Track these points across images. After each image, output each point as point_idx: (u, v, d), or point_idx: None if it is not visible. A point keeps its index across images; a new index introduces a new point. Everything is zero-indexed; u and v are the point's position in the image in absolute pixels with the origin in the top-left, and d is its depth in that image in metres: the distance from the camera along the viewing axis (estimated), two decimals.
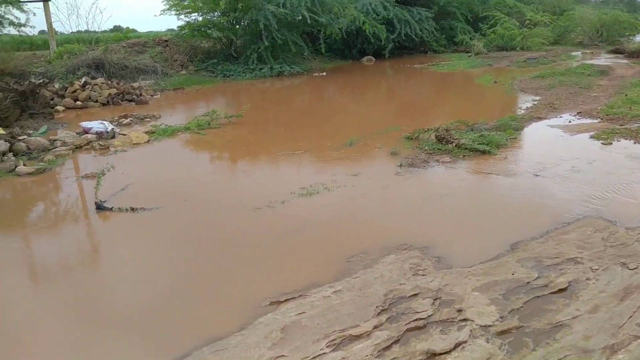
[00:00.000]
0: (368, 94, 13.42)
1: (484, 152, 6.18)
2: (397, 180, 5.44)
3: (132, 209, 4.82)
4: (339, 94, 13.72)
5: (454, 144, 6.43)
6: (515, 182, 5.15)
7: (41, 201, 5.48)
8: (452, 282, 3.14)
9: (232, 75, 16.31)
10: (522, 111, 8.61)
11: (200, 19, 17.26)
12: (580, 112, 8.28)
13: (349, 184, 5.31)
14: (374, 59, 20.71)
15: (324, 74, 16.95)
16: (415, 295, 3.00)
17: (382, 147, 6.82)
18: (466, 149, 6.28)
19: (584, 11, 23.82)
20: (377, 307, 2.88)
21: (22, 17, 12.75)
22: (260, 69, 16.37)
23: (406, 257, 3.57)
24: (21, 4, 12.99)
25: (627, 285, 2.99)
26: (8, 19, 12.40)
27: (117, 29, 35.19)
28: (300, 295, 3.11)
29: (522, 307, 2.83)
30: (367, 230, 4.16)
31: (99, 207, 4.86)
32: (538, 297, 2.92)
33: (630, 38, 22.24)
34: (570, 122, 7.74)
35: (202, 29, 17.20)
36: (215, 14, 17.23)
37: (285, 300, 3.07)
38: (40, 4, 16.24)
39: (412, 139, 7.07)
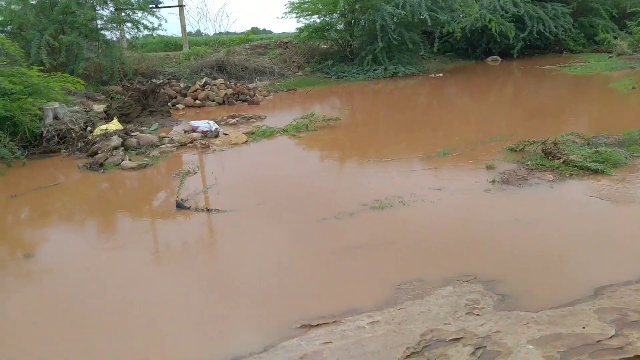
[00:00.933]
0: (482, 98, 12.56)
1: (596, 172, 5.38)
2: (484, 199, 4.95)
3: (208, 210, 4.98)
4: (452, 97, 13.04)
5: (561, 160, 5.70)
6: (624, 211, 4.40)
7: (131, 195, 5.92)
8: (507, 328, 2.72)
9: (346, 76, 16.34)
10: None
11: (318, 20, 17.54)
12: None
13: (428, 199, 4.95)
14: (500, 59, 19.39)
15: (441, 75, 16.25)
16: (457, 340, 2.64)
17: (480, 158, 6.28)
18: (575, 166, 5.53)
19: None
20: (407, 348, 2.58)
21: (155, 22, 13.96)
22: (374, 70, 16.18)
23: (465, 291, 3.19)
24: (155, 9, 14.21)
25: None
26: (143, 23, 13.63)
27: (253, 30, 37.38)
28: (334, 322, 2.92)
29: None
30: (432, 254, 3.82)
31: (179, 206, 5.08)
32: None
33: None
34: None
35: (320, 31, 17.46)
36: (334, 15, 17.39)
37: (316, 325, 2.90)
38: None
39: (516, 151, 6.42)
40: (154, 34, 14.60)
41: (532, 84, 14.06)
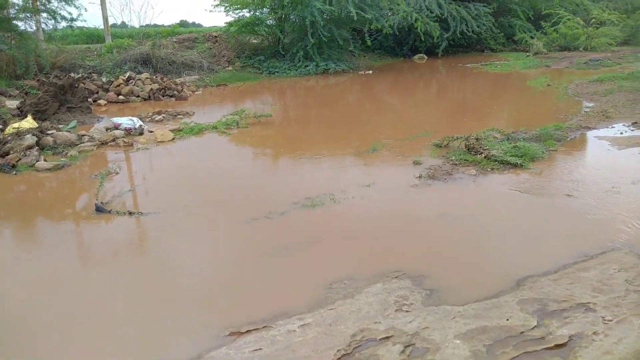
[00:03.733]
0: (409, 95, 12.89)
1: (515, 165, 5.64)
2: (411, 194, 5.04)
3: (130, 213, 4.71)
4: (381, 93, 13.27)
5: (483, 155, 5.92)
6: (542, 203, 4.63)
7: (46, 199, 5.50)
8: (435, 324, 2.75)
9: (278, 72, 16.22)
10: (571, 119, 7.87)
11: (248, 15, 17.25)
12: (636, 123, 7.46)
13: (358, 196, 4.96)
14: (426, 57, 20.02)
15: (370, 72, 16.52)
16: (387, 338, 2.64)
17: (407, 154, 6.39)
18: (496, 161, 5.76)
19: None
20: (338, 350, 2.55)
21: (74, 13, 13.15)
22: (306, 66, 16.19)
23: (394, 288, 3.20)
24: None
25: None
26: (60, 14, 12.79)
27: (182, 23, 36.09)
28: (264, 327, 2.83)
29: None
30: (361, 251, 3.82)
31: (99, 209, 4.77)
32: (529, 352, 2.48)
33: None
34: (622, 133, 6.97)
35: (250, 26, 17.18)
36: (264, 10, 17.19)
37: (246, 332, 2.80)
38: None
39: (441, 147, 6.60)
40: (74, 26, 13.73)
41: (457, 82, 14.60)
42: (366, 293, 3.15)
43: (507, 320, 2.76)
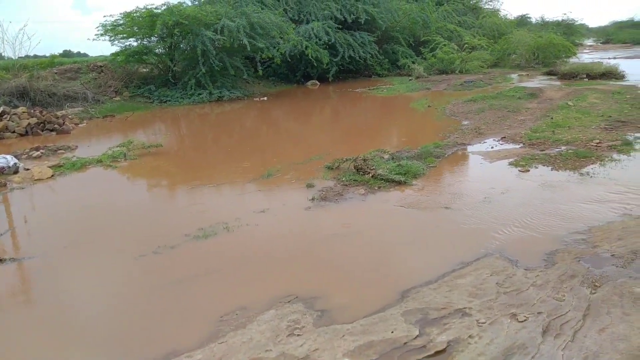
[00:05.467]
0: (304, 120, 13.19)
1: (400, 183, 5.97)
2: (304, 217, 5.13)
3: (0, 260, 4.29)
4: (276, 119, 13.44)
5: (370, 175, 6.20)
6: (424, 217, 4.93)
7: None
8: (324, 344, 2.81)
9: (169, 100, 15.82)
10: (448, 137, 8.52)
11: (135, 44, 16.72)
12: (505, 137, 8.26)
13: (253, 223, 4.95)
14: (319, 83, 20.63)
15: (265, 98, 16.68)
16: None
17: (301, 178, 6.51)
18: (382, 179, 6.06)
19: (521, 34, 24.56)
20: None
21: None
22: (199, 94, 15.96)
23: (286, 313, 3.22)
24: None
25: (510, 344, 2.73)
26: None
27: (66, 53, 33.87)
28: None
29: None
30: (254, 279, 3.80)
31: None
32: None
33: (565, 60, 23.08)
34: (492, 147, 7.68)
35: (138, 55, 16.65)
36: (152, 39, 16.77)
37: None
38: None
39: (332, 169, 6.80)
40: None
41: (347, 106, 15.21)
42: (258, 321, 3.13)
43: (392, 332, 2.88)
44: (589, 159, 6.65)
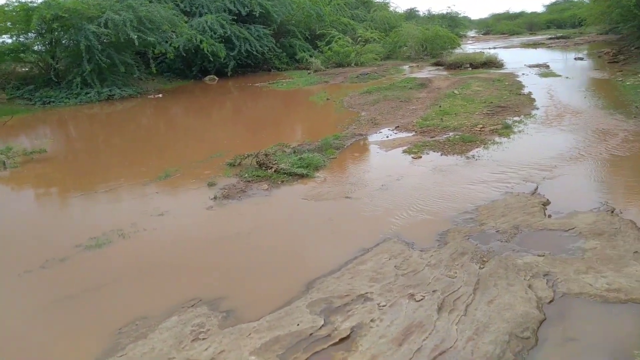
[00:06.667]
0: (202, 117, 12.86)
1: (302, 176, 6.03)
2: (206, 217, 5.01)
3: None
4: (173, 117, 12.95)
5: (273, 169, 6.20)
6: (327, 207, 5.03)
7: None
8: (230, 345, 2.77)
9: (53, 101, 14.61)
10: (347, 128, 8.75)
11: (10, 41, 15.22)
12: (398, 127, 8.66)
13: (151, 227, 4.74)
14: (217, 78, 20.17)
15: (160, 95, 15.99)
16: None
17: (201, 177, 6.34)
18: (285, 173, 6.08)
19: (409, 27, 25.77)
20: None
21: None
22: (86, 93, 14.89)
23: (190, 317, 3.13)
24: None
25: (409, 324, 2.88)
26: None
27: None
28: None
29: None
30: (154, 286, 3.65)
31: None
32: (317, 352, 2.66)
33: (451, 51, 24.61)
34: (387, 137, 8.01)
35: (14, 52, 15.18)
36: (29, 35, 15.35)
37: None
38: None
39: (234, 165, 6.69)
40: None
41: (248, 101, 15.05)
42: (160, 329, 3.01)
43: (298, 325, 2.91)
44: (474, 143, 7.17)
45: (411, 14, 42.86)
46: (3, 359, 2.91)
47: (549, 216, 4.50)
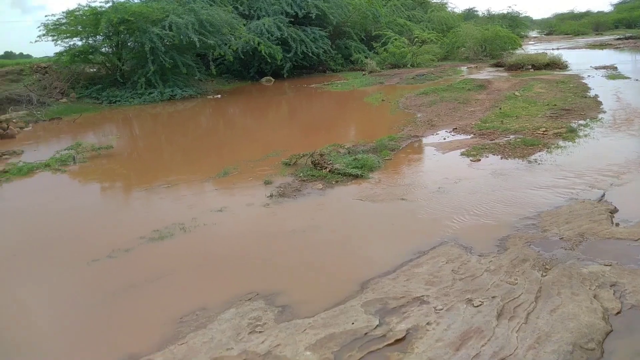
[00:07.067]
0: (259, 116, 13.11)
1: (357, 177, 6.03)
2: (263, 214, 5.10)
3: None
4: (231, 117, 13.29)
5: (327, 169, 6.24)
6: (381, 209, 5.00)
7: None
8: (286, 340, 2.81)
9: (119, 101, 15.37)
10: (402, 130, 8.67)
11: (80, 43, 16.13)
12: (456, 128, 8.49)
13: (210, 222, 4.89)
14: (273, 79, 20.53)
15: (219, 96, 16.46)
16: None
17: (258, 175, 6.47)
18: (339, 173, 6.11)
19: (467, 28, 25.24)
20: None
21: None
22: (150, 93, 15.57)
23: (247, 310, 3.20)
24: None
25: (467, 329, 2.82)
26: None
27: (7, 55, 32.01)
28: None
29: None
30: (213, 278, 3.76)
31: None
32: (372, 352, 2.66)
33: (511, 52, 23.87)
34: (445, 139, 7.87)
35: (84, 54, 16.08)
36: (97, 37, 16.20)
37: None
38: None
39: (290, 164, 6.79)
40: None
41: (303, 101, 15.22)
42: (219, 320, 3.10)
43: (353, 324, 2.92)
44: (536, 146, 6.92)
45: (469, 14, 41.91)
46: (75, 341, 3.09)
47: (617, 224, 4.28)
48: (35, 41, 15.87)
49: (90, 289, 3.74)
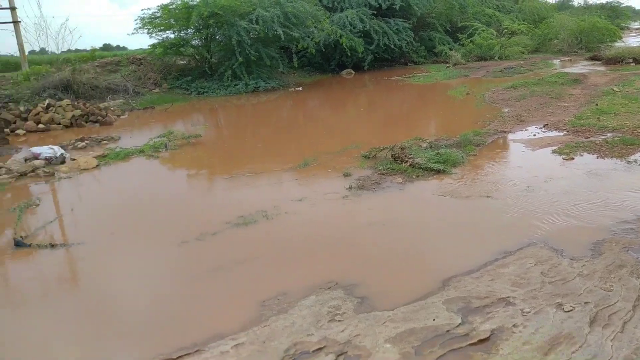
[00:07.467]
0: (340, 109, 13.16)
1: (438, 172, 5.89)
2: (342, 205, 5.13)
3: (52, 246, 4.48)
4: (311, 109, 13.46)
5: (408, 163, 6.15)
6: (464, 206, 4.86)
7: None
8: (366, 330, 2.82)
9: (207, 92, 16.05)
10: (488, 124, 8.34)
11: (172, 36, 17.01)
12: (547, 125, 8.03)
13: (291, 211, 5.00)
14: (354, 72, 20.50)
15: (300, 88, 16.71)
16: (320, 349, 2.68)
17: (337, 167, 6.51)
18: (420, 168, 6.00)
19: (562, 18, 23.65)
20: None
21: None
22: (235, 85, 16.11)
23: (327, 299, 3.25)
24: None
25: (557, 334, 2.67)
26: None
27: (106, 47, 34.62)
28: (196, 351, 2.79)
29: None
30: (294, 266, 3.85)
31: (18, 244, 4.51)
32: (454, 350, 2.60)
33: (610, 44, 22.13)
34: (535, 135, 7.47)
35: (176, 47, 16.95)
36: (189, 31, 17.00)
37: (178, 358, 2.73)
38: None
39: (369, 157, 6.77)
40: None
41: (384, 94, 15.08)
42: (300, 306, 3.17)
43: (434, 320, 2.87)
44: (637, 146, 6.39)
45: (564, 4, 39.35)
46: (163, 317, 3.29)
47: None
48: (132, 33, 16.99)
49: (180, 269, 3.96)
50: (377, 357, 2.57)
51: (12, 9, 16.14)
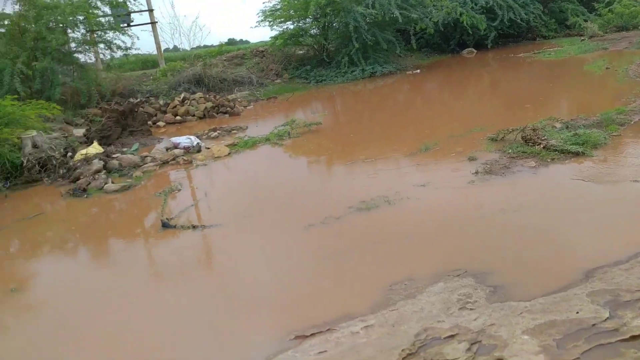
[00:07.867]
0: (460, 91, 12.63)
1: (577, 154, 5.42)
2: (469, 191, 4.95)
3: (194, 227, 4.92)
4: (430, 91, 13.11)
5: (542, 146, 5.73)
6: (608, 191, 4.42)
7: (116, 219, 5.84)
8: (501, 320, 2.71)
9: (325, 80, 16.36)
10: (634, 101, 7.46)
11: (292, 27, 17.56)
12: None
13: (414, 196, 4.94)
14: (475, 51, 19.52)
15: (418, 71, 16.33)
16: (452, 337, 2.63)
17: (461, 151, 6.29)
18: (556, 150, 5.56)
19: None
20: (403, 350, 2.56)
21: (128, 42, 13.94)
22: (352, 71, 16.20)
23: (456, 286, 3.17)
24: (127, 28, 14.18)
25: None
26: (116, 44, 13.60)
27: (230, 42, 36.95)
28: (328, 330, 2.89)
29: (578, 358, 2.33)
30: (419, 251, 3.81)
31: (165, 225, 5.02)
32: (602, 345, 2.39)
33: None
34: None
35: (295, 37, 17.48)
36: (307, 20, 17.42)
37: (310, 335, 2.86)
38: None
39: (496, 140, 6.44)
40: (129, 54, 14.53)
41: (509, 73, 14.18)
42: (428, 292, 3.14)
43: (577, 313, 2.67)
44: None
45: None
46: (293, 297, 3.45)
47: None
48: (255, 27, 17.82)
49: (308, 251, 4.13)
50: (515, 348, 2.46)
51: (150, 10, 17.75)
